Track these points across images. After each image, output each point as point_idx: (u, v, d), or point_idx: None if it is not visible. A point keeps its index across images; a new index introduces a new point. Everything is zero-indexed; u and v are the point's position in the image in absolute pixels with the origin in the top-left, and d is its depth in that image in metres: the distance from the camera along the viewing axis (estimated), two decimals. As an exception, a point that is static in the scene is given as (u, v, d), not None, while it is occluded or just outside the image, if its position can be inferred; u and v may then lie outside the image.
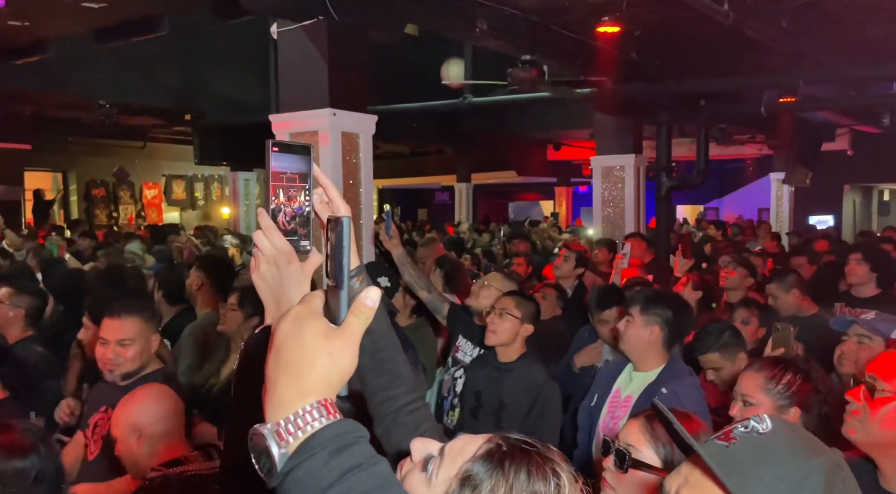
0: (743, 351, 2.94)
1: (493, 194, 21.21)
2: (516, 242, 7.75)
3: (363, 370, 1.27)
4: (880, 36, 6.21)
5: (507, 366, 2.87)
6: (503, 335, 2.85)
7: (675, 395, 2.43)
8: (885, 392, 1.44)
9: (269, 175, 1.00)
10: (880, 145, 12.69)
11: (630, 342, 2.61)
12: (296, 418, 0.77)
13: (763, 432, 0.95)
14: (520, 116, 11.46)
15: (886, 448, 1.47)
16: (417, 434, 1.25)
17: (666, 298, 2.78)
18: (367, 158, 4.37)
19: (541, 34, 5.59)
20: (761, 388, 1.92)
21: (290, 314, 0.83)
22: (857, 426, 1.49)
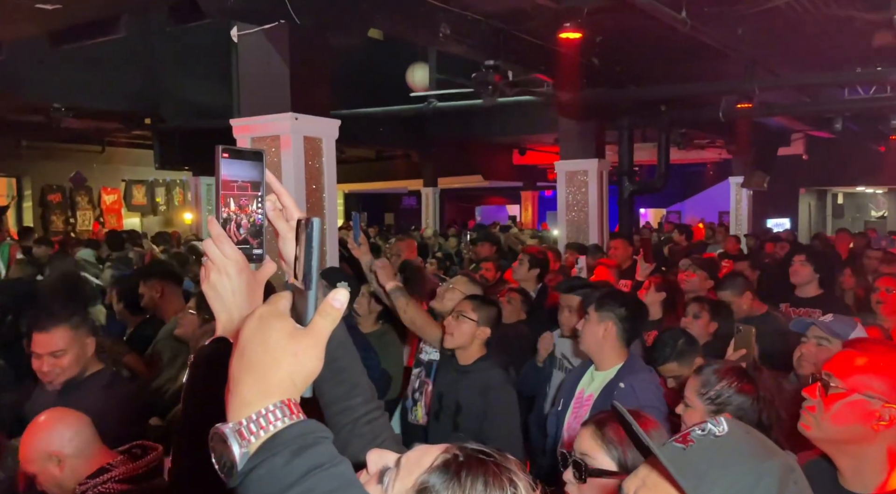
0: (699, 356, 3.00)
1: (460, 198, 21.27)
2: (481, 245, 7.78)
3: (319, 380, 1.25)
4: (832, 45, 6.42)
5: (465, 368, 2.87)
6: (459, 337, 2.85)
7: (633, 389, 2.49)
8: (838, 389, 1.48)
9: (220, 183, 0.98)
10: (833, 150, 13.12)
11: (587, 339, 2.68)
12: (258, 417, 0.76)
13: (719, 435, 0.97)
14: (485, 120, 11.53)
15: (840, 445, 1.50)
16: (375, 444, 1.24)
17: (619, 295, 2.86)
18: (331, 163, 4.34)
19: (504, 40, 5.63)
20: (696, 392, 2.01)
21: (255, 314, 0.83)
22: (811, 422, 1.52)
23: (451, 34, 5.03)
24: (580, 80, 6.72)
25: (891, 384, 1.45)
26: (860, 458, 1.48)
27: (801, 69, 7.37)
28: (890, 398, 1.43)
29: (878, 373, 1.46)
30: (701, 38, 5.37)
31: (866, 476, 1.46)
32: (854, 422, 1.46)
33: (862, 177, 14.89)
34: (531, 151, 15.03)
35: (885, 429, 1.43)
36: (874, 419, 1.44)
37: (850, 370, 1.49)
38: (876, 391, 1.45)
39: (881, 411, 1.43)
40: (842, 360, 1.53)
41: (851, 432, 1.47)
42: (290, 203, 1.12)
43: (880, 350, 1.52)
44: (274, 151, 4.13)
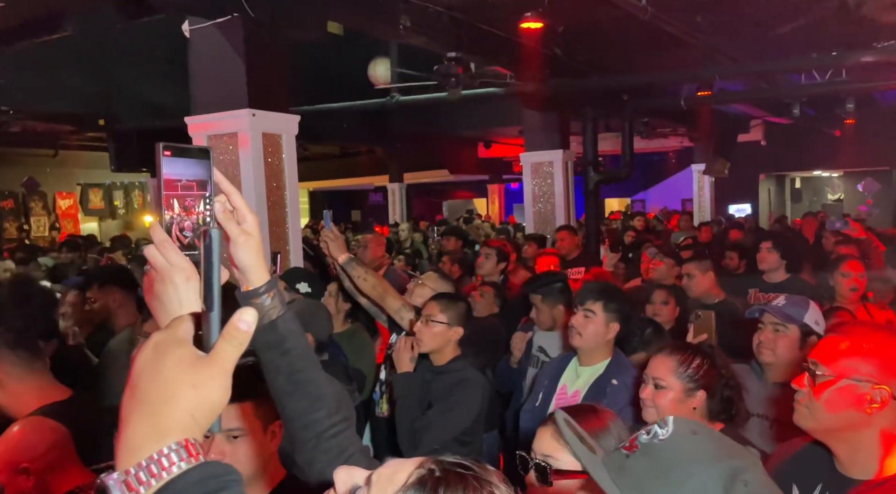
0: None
1: (427, 193, 21.19)
2: (447, 239, 7.74)
3: (280, 394, 1.18)
4: (788, 31, 6.51)
5: (439, 369, 2.80)
6: (432, 342, 2.76)
7: (625, 386, 2.45)
8: (825, 377, 1.45)
9: (162, 183, 0.89)
10: (791, 136, 13.38)
11: (590, 337, 2.60)
12: (149, 463, 0.65)
13: (663, 438, 0.92)
14: (449, 114, 11.47)
15: (835, 432, 1.48)
16: (342, 459, 1.17)
17: (622, 292, 2.82)
18: (291, 160, 4.23)
19: (465, 31, 5.57)
20: (673, 371, 1.99)
21: (150, 342, 0.73)
22: (804, 414, 1.50)
23: (412, 26, 4.95)
24: (543, 70, 6.70)
25: (877, 364, 1.43)
26: (856, 443, 1.45)
27: (759, 56, 7.46)
28: (879, 380, 1.41)
29: (863, 355, 1.44)
30: (661, 26, 5.38)
31: (864, 461, 1.44)
32: (846, 408, 1.43)
33: (818, 161, 15.24)
34: (497, 143, 15.02)
35: (877, 412, 1.41)
36: (866, 402, 1.41)
37: (835, 355, 1.47)
38: (863, 373, 1.42)
39: (871, 393, 1.41)
40: (826, 346, 1.51)
41: (845, 418, 1.44)
42: (241, 204, 1.04)
43: (863, 332, 1.49)
44: (232, 149, 4.01)
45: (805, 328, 2.49)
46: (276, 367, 1.16)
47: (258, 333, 1.15)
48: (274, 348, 1.14)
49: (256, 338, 1.16)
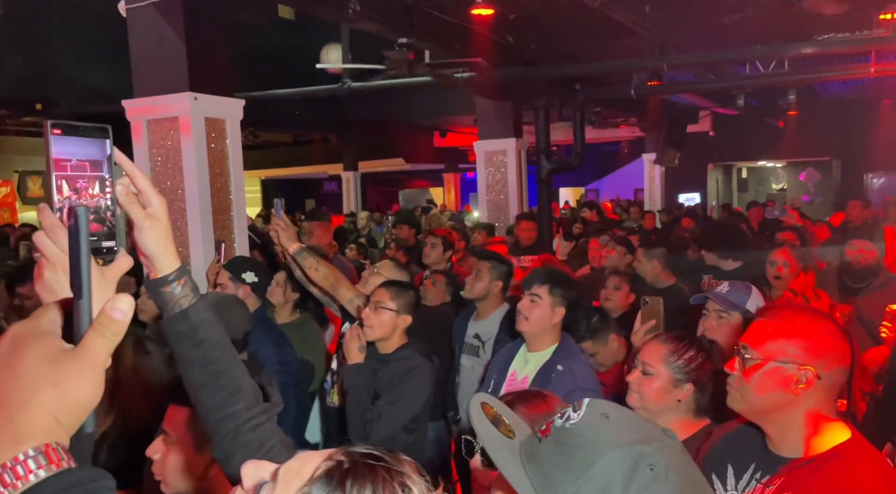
0: (613, 332, 3.03)
1: (383, 182, 21.04)
2: (400, 228, 7.69)
3: (194, 386, 1.13)
4: (733, 23, 6.65)
5: (386, 358, 2.77)
6: (380, 329, 2.73)
7: (571, 372, 2.46)
8: (754, 360, 1.48)
9: (50, 164, 0.83)
10: (737, 126, 13.76)
11: (536, 322, 2.60)
12: (2, 472, 0.59)
13: (573, 422, 0.90)
14: (404, 102, 11.37)
15: (766, 413, 1.50)
16: (262, 452, 1.13)
17: (568, 278, 2.81)
18: (236, 146, 4.11)
19: (417, 17, 5.50)
20: (663, 359, 1.95)
21: (8, 334, 0.66)
22: (736, 397, 1.52)
23: (362, 11, 4.86)
24: (495, 58, 6.68)
25: (803, 346, 1.46)
26: (784, 423, 1.48)
27: (706, 47, 7.61)
28: (804, 361, 1.44)
29: (789, 337, 1.47)
30: (611, 15, 5.42)
31: (792, 440, 1.47)
32: (775, 390, 1.46)
33: (763, 152, 15.71)
34: (452, 132, 15.00)
35: (804, 392, 1.44)
36: (792, 383, 1.44)
37: (763, 338, 1.50)
38: (789, 355, 1.45)
39: (798, 374, 1.44)
40: (755, 330, 1.53)
41: (774, 399, 1.47)
42: (147, 187, 0.98)
43: (789, 315, 1.52)
44: (173, 133, 3.87)
45: (748, 314, 2.51)
46: (189, 358, 1.11)
47: (169, 323, 1.10)
48: (186, 338, 1.10)
49: (168, 328, 1.11)
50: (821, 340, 1.46)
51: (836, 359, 1.46)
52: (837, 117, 13.46)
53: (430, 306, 4.23)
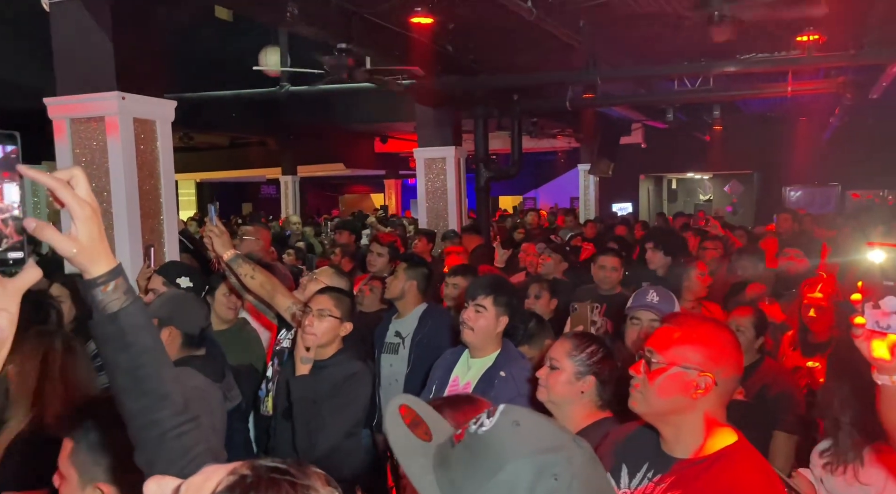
0: (549, 338, 3.11)
1: (322, 186, 20.80)
2: (339, 234, 7.64)
3: (119, 391, 1.11)
4: (662, 39, 6.93)
5: (321, 364, 2.74)
6: (324, 336, 2.70)
7: (513, 378, 2.50)
8: (659, 364, 1.56)
9: None
10: (667, 139, 14.33)
11: (481, 332, 2.63)
12: None
13: (485, 429, 0.91)
14: (344, 107, 11.30)
15: (664, 416, 1.58)
16: (186, 459, 1.12)
17: (509, 286, 2.85)
18: (167, 148, 4.00)
19: (356, 23, 5.50)
20: (567, 353, 2.07)
21: None
22: (638, 399, 1.59)
23: (300, 15, 4.82)
24: (435, 67, 6.74)
25: (704, 353, 1.54)
26: (681, 425, 1.56)
27: (637, 62, 7.90)
28: (704, 367, 1.53)
29: (692, 344, 1.55)
30: (547, 28, 5.56)
31: (686, 441, 1.55)
32: (676, 394, 1.54)
33: (691, 164, 16.39)
34: (393, 138, 14.99)
35: (702, 397, 1.52)
36: (692, 388, 1.52)
37: (668, 343, 1.58)
38: (691, 361, 1.54)
39: (698, 380, 1.52)
40: (660, 335, 1.61)
41: (674, 403, 1.54)
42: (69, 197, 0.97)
43: (693, 323, 1.62)
44: (99, 134, 3.74)
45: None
46: (115, 362, 1.10)
47: (95, 324, 1.09)
48: (113, 341, 1.08)
49: (94, 329, 1.10)
50: (721, 349, 1.56)
51: (733, 368, 1.57)
52: (758, 133, 14.20)
53: (367, 312, 4.24)
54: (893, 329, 1.27)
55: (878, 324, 1.29)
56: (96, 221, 1.02)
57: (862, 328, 1.30)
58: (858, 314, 1.31)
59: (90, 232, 1.01)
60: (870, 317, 1.30)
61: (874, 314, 1.29)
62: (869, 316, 1.30)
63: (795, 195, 15.58)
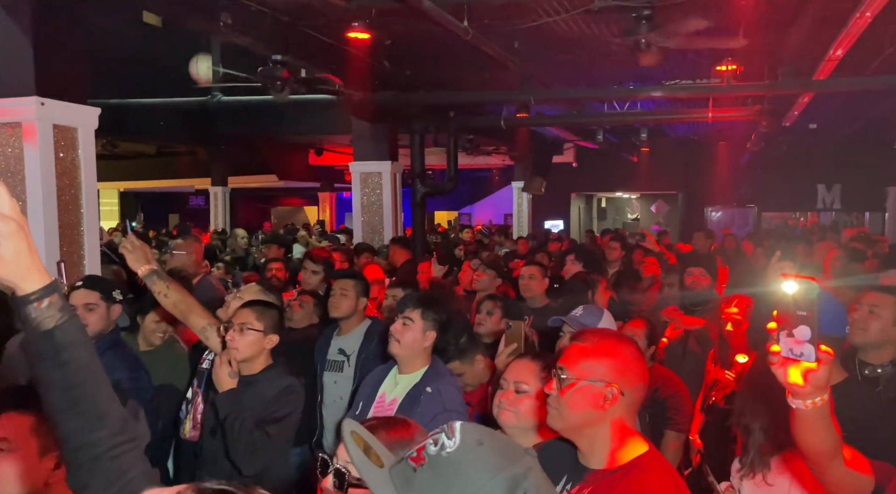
0: (480, 353, 3.13)
1: (254, 198, 20.34)
2: (268, 248, 7.49)
3: (53, 410, 1.07)
4: (593, 63, 7.18)
5: (251, 379, 2.68)
6: (246, 350, 2.65)
7: (439, 393, 2.49)
8: (569, 379, 1.61)
9: None
10: (597, 159, 14.80)
11: (408, 345, 2.61)
12: None
13: (450, 451, 0.93)
14: (278, 118, 11.12)
15: (578, 429, 1.62)
16: (121, 483, 1.08)
17: (441, 301, 2.84)
18: (89, 157, 3.83)
19: (292, 35, 5.44)
20: (536, 376, 2.04)
21: None
22: (554, 415, 1.64)
23: (234, 25, 4.74)
24: (371, 82, 6.75)
25: (609, 365, 1.61)
26: (593, 437, 1.61)
27: (570, 84, 8.15)
28: (610, 379, 1.59)
29: (597, 357, 1.62)
30: (483, 48, 5.67)
31: (600, 452, 1.60)
32: (586, 407, 1.59)
33: (620, 184, 16.99)
34: (328, 151, 14.84)
35: (610, 407, 1.58)
36: (600, 400, 1.58)
37: (576, 359, 1.63)
38: (598, 374, 1.60)
39: (605, 391, 1.58)
40: (569, 352, 1.67)
41: (585, 416, 1.60)
42: None
43: (598, 337, 1.68)
44: (15, 140, 3.54)
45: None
46: (48, 380, 1.06)
47: (29, 341, 1.05)
48: (47, 359, 1.04)
49: (28, 346, 1.05)
50: (624, 360, 1.63)
51: (637, 377, 1.63)
52: (682, 155, 14.88)
53: (297, 328, 4.15)
54: (806, 357, 1.32)
55: (793, 351, 1.34)
56: (23, 236, 0.99)
57: (777, 355, 1.35)
58: (774, 342, 1.36)
59: (17, 248, 0.98)
60: (784, 345, 1.35)
61: (788, 342, 1.34)
62: (784, 344, 1.35)
63: (716, 216, 16.36)
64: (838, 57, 5.93)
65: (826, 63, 6.16)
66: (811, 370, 1.33)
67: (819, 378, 1.33)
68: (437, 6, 4.43)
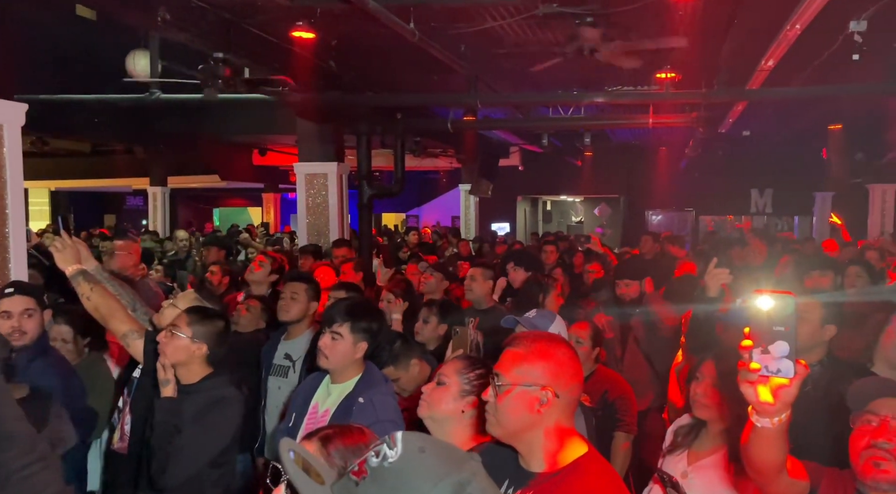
0: (415, 357, 3.11)
1: (195, 199, 19.81)
2: (207, 250, 7.30)
3: None
4: (540, 69, 7.28)
5: (188, 388, 2.59)
6: (174, 354, 2.56)
7: (372, 404, 2.45)
8: (505, 386, 1.62)
9: None
10: (543, 163, 15.04)
11: (337, 359, 2.56)
12: None
13: (392, 461, 0.93)
14: (221, 117, 10.85)
15: (517, 434, 1.63)
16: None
17: (370, 309, 2.78)
18: (15, 154, 3.64)
19: (234, 33, 5.32)
20: (457, 371, 2.08)
21: None
22: (493, 422, 1.64)
23: (172, 20, 4.59)
24: (316, 82, 6.66)
25: (542, 369, 1.62)
26: (532, 441, 1.62)
27: (516, 88, 8.25)
28: (545, 382, 1.60)
29: (531, 361, 1.62)
30: (430, 51, 5.67)
31: (539, 456, 1.61)
32: (522, 412, 1.60)
33: (565, 187, 17.29)
34: (273, 151, 14.56)
35: (546, 411, 1.59)
36: (536, 403, 1.59)
37: (511, 364, 1.64)
38: (531, 379, 1.60)
39: (540, 395, 1.59)
40: (505, 358, 1.67)
41: (522, 421, 1.60)
42: None
43: (531, 341, 1.68)
44: (-68, 136, 3.34)
45: None
46: None
47: None
48: None
49: None
50: (558, 362, 1.63)
51: (571, 377, 1.65)
52: (624, 160, 15.27)
53: (243, 332, 4.05)
54: (784, 373, 1.31)
55: (768, 368, 1.33)
56: None
57: (757, 372, 1.33)
58: (748, 360, 1.34)
59: None
60: (760, 363, 1.34)
61: (763, 360, 1.33)
62: (759, 362, 1.34)
63: (656, 219, 16.85)
64: (770, 67, 6.20)
65: (758, 73, 6.43)
66: (783, 386, 1.31)
67: (790, 395, 1.32)
68: (383, 7, 4.41)
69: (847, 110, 8.91)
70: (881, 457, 1.58)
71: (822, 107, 8.93)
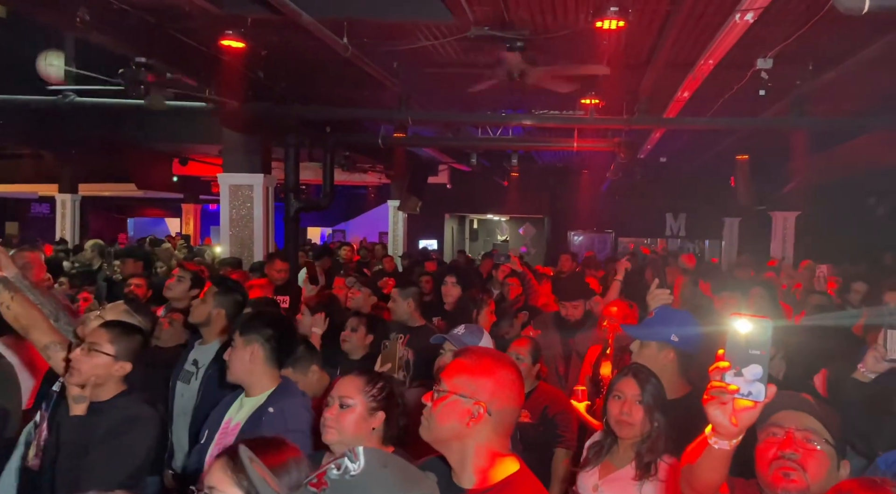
0: (316, 364, 3.11)
1: (108, 207, 18.85)
2: (124, 262, 6.95)
3: None
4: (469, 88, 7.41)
5: (98, 407, 2.45)
6: (90, 372, 2.43)
7: (282, 412, 2.42)
8: (443, 392, 1.65)
9: None
10: (470, 182, 15.25)
11: (235, 367, 2.55)
12: None
13: (354, 473, 0.94)
14: (139, 123, 10.41)
15: (445, 442, 1.65)
16: None
17: (263, 316, 2.75)
18: None
19: (158, 37, 5.15)
20: (359, 390, 2.07)
21: None
22: (425, 425, 1.66)
23: (92, 21, 4.40)
24: (244, 92, 6.53)
25: (481, 384, 1.64)
26: (461, 454, 1.63)
27: (446, 107, 8.35)
28: (480, 397, 1.62)
29: (471, 374, 1.65)
30: (362, 66, 5.67)
31: (469, 471, 1.62)
32: (453, 421, 1.61)
33: (491, 206, 17.58)
34: (194, 161, 14.08)
35: (475, 425, 1.61)
36: (467, 416, 1.61)
37: (454, 373, 1.67)
38: (468, 391, 1.63)
39: (472, 408, 1.61)
40: (450, 366, 1.70)
41: (451, 430, 1.62)
42: None
43: (479, 356, 1.72)
44: None
45: None
46: None
47: None
48: None
49: None
50: (498, 381, 1.66)
51: (507, 400, 1.66)
52: (549, 181, 15.70)
53: (164, 347, 3.88)
54: (753, 396, 1.32)
55: (739, 391, 1.33)
56: None
57: (735, 393, 1.32)
58: (720, 381, 1.34)
59: None
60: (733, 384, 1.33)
61: (735, 381, 1.33)
62: (731, 383, 1.33)
63: (578, 239, 17.37)
64: (685, 98, 6.56)
65: (675, 103, 6.79)
66: (748, 408, 1.32)
67: (753, 418, 1.34)
68: (316, 21, 4.38)
69: (753, 141, 9.52)
70: (790, 468, 1.65)
71: (731, 137, 9.51)
